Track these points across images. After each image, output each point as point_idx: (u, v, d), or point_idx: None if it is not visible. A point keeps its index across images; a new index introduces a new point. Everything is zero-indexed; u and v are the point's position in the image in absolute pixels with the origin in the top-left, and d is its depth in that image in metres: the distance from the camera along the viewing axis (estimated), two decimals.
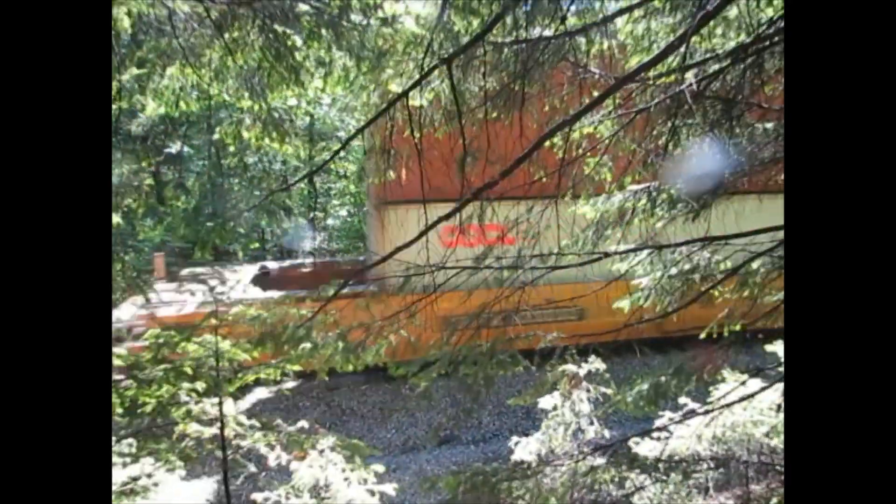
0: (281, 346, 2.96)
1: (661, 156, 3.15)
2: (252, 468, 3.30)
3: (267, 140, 3.20)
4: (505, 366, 3.27)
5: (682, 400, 4.84)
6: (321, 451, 3.56)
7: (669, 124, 3.14)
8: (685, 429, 4.82)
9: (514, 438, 5.14)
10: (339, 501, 3.63)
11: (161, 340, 3.09)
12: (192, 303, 4.20)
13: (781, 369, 4.05)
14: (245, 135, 3.24)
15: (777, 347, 4.83)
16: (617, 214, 3.66)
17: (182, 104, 3.27)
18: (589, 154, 3.59)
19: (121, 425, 3.25)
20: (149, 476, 3.12)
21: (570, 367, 4.70)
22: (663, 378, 3.75)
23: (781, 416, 4.47)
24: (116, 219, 3.20)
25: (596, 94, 2.87)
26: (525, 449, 5.07)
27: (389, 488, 3.62)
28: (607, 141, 3.46)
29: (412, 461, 6.36)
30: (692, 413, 4.69)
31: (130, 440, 3.32)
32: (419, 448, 6.55)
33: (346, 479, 3.66)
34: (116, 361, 3.03)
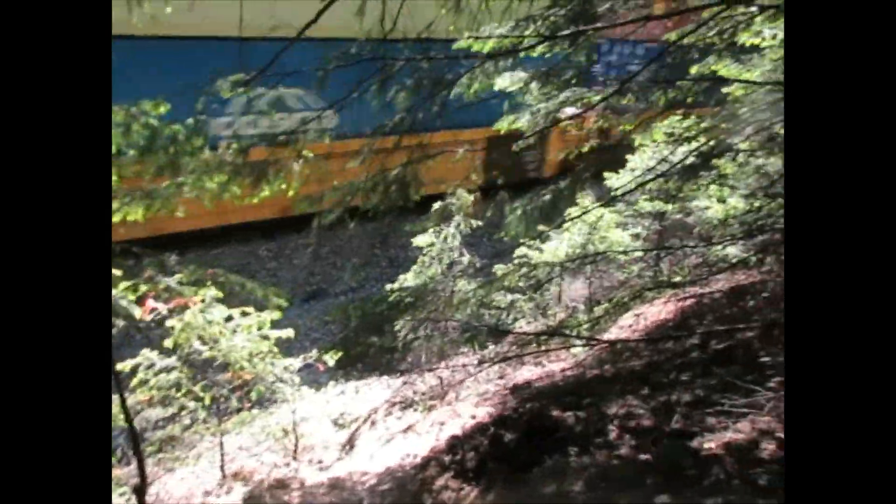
0: None
1: None
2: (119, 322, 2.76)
3: None
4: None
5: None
6: (203, 300, 3.22)
7: None
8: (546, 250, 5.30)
9: (402, 277, 5.11)
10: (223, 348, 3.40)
11: None
12: None
13: None
14: None
15: None
16: None
17: None
18: None
19: None
20: None
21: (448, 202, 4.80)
22: (545, 199, 3.91)
23: None
24: None
25: None
26: (403, 285, 5.19)
27: (288, 332, 3.48)
28: None
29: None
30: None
31: None
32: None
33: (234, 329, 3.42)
34: None
